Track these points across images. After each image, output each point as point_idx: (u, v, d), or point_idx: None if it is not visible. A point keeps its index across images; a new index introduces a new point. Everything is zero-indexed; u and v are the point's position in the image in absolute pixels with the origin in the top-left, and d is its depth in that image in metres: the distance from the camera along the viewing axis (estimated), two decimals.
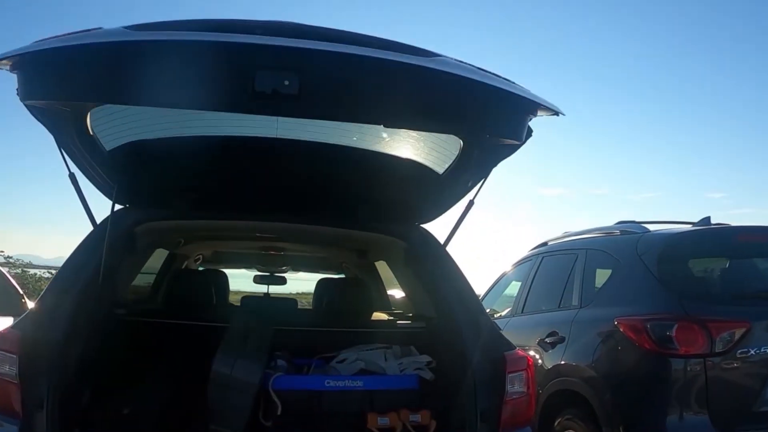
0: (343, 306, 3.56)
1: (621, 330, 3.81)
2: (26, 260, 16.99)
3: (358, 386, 2.62)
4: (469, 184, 2.81)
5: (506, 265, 6.35)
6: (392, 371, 2.88)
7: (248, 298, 5.16)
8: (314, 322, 3.42)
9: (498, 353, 2.55)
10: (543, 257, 5.47)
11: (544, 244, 5.74)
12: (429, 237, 3.05)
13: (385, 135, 2.74)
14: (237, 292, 6.10)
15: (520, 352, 2.65)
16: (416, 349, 3.11)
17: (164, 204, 2.91)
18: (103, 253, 2.51)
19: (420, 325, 3.31)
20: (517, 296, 5.79)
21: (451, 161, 2.75)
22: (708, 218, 4.60)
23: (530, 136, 2.27)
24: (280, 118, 2.49)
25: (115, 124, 2.54)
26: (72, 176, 2.66)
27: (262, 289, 6.23)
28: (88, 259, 2.54)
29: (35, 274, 16.07)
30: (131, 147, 2.67)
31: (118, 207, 2.87)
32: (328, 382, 2.60)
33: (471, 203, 2.86)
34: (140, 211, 2.92)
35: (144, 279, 4.30)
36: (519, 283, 6.05)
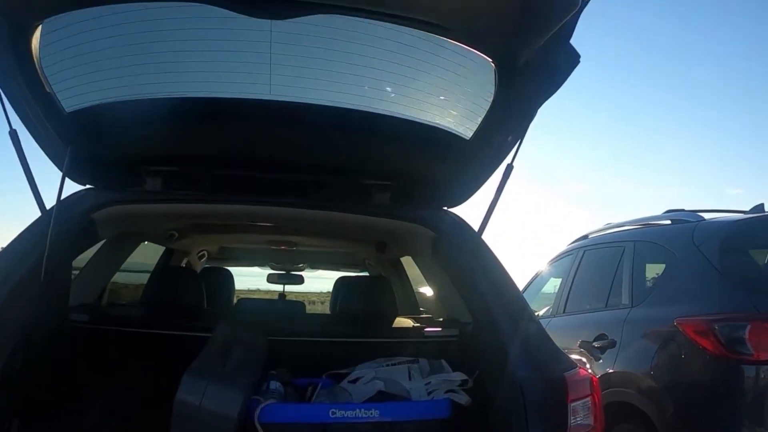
0: (361, 309, 2.91)
1: (682, 332, 3.21)
2: None
3: (373, 417, 1.97)
4: (505, 145, 2.19)
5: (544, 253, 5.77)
6: (418, 394, 2.25)
7: (245, 302, 4.30)
8: (323, 330, 2.75)
9: (555, 373, 1.91)
10: (585, 251, 4.84)
11: (585, 237, 5.13)
12: (461, 224, 2.41)
13: (396, 94, 2.18)
14: (251, 291, 5.55)
15: (582, 371, 2.00)
16: (448, 363, 2.50)
17: (134, 183, 2.33)
18: (47, 245, 1.95)
19: (452, 333, 2.68)
20: (557, 294, 5.22)
21: (480, 117, 2.14)
22: (761, 205, 4.00)
23: (577, 62, 1.83)
24: (274, 74, 2.06)
25: (78, 82, 2.06)
26: (13, 134, 2.08)
27: (277, 288, 5.67)
28: (30, 252, 1.97)
29: None
30: (95, 111, 2.13)
31: (78, 189, 2.32)
32: (333, 413, 1.95)
33: (509, 168, 2.19)
34: (103, 192, 2.32)
35: (135, 279, 3.73)
36: (558, 281, 5.50)
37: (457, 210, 2.53)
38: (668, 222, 4.08)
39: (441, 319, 3.12)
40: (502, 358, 2.03)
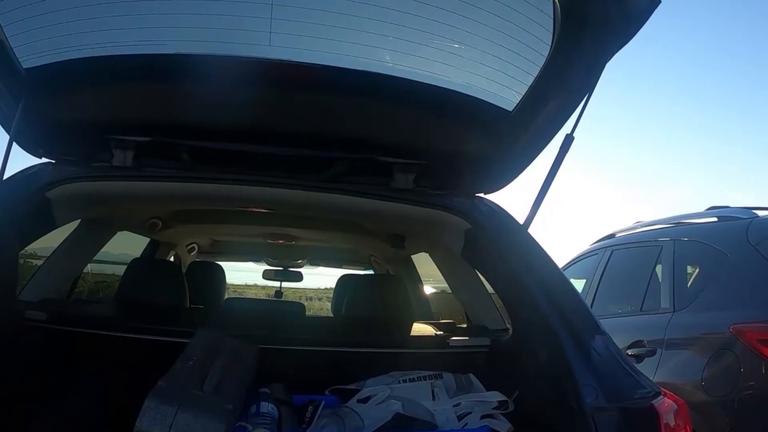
0: (372, 313, 2.44)
1: (740, 340, 2.80)
2: None
3: None
4: (560, 115, 1.76)
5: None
6: (445, 418, 1.79)
7: (235, 301, 3.66)
8: (326, 337, 2.28)
9: (640, 402, 1.48)
10: (612, 251, 4.41)
11: (611, 236, 4.69)
12: (501, 213, 1.96)
13: (423, 54, 1.75)
14: (246, 287, 5.09)
15: (669, 396, 1.55)
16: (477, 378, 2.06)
17: (99, 156, 1.90)
18: None
19: (481, 342, 2.23)
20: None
21: (529, 82, 1.72)
22: None
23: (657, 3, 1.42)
24: (274, 26, 1.67)
25: (40, 36, 1.70)
26: None
27: (274, 285, 5.21)
28: None
29: None
30: (56, 68, 1.74)
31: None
32: None
33: (569, 140, 1.73)
34: (60, 166, 1.88)
35: (114, 274, 3.28)
36: (580, 282, 5.06)
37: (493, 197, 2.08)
38: (714, 219, 3.64)
39: (464, 326, 2.66)
40: (556, 378, 1.59)
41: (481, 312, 2.58)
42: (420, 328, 2.48)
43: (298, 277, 5.11)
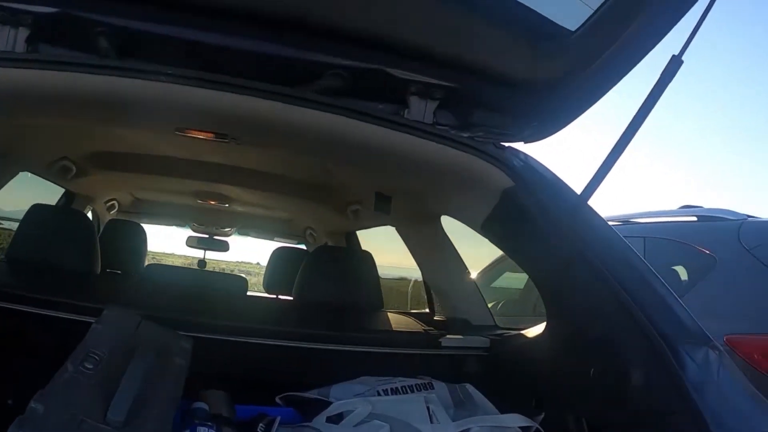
0: (341, 298, 1.88)
1: (738, 353, 2.44)
2: None
3: None
4: (641, 41, 1.24)
5: None
6: None
7: (156, 270, 2.75)
8: (279, 328, 1.60)
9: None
10: None
11: None
12: (552, 176, 1.43)
13: None
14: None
15: None
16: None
17: None
18: None
19: (479, 343, 1.71)
20: (523, 292, 4.36)
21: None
22: None
23: None
24: None
25: None
26: None
27: (197, 256, 4.50)
28: None
29: None
30: None
31: None
32: None
33: (676, 63, 1.18)
34: None
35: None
36: (520, 276, 4.66)
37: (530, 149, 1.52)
38: (693, 218, 3.27)
39: (442, 320, 2.13)
40: (627, 403, 1.10)
41: (463, 305, 2.06)
42: (400, 321, 1.93)
43: (225, 247, 4.43)
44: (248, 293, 2.48)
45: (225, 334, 1.42)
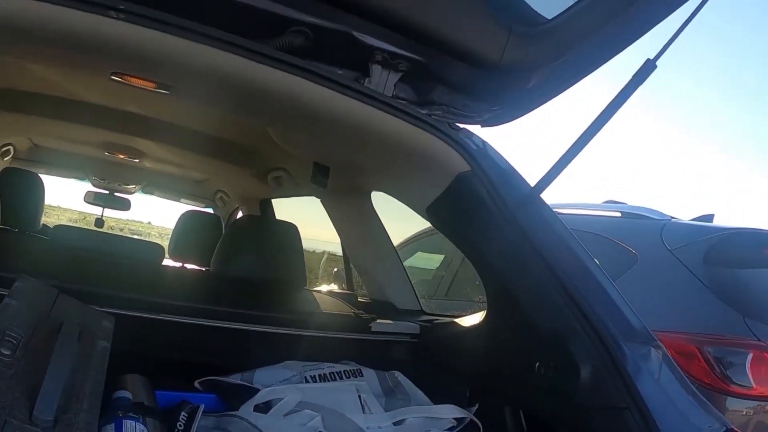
0: (264, 274, 1.78)
1: None
2: None
3: None
4: (617, 40, 1.26)
5: None
6: None
7: (65, 232, 2.49)
8: (199, 305, 1.46)
9: None
10: None
11: None
12: (502, 162, 1.41)
13: None
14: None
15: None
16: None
17: None
18: None
19: (409, 329, 1.69)
20: (436, 273, 4.42)
21: None
22: (711, 216, 3.48)
23: None
24: None
25: None
26: None
27: (94, 213, 4.23)
28: None
29: None
30: None
31: None
32: None
33: (649, 67, 1.17)
34: None
35: None
36: (435, 256, 4.73)
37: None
38: (617, 214, 3.39)
39: (367, 302, 2.10)
40: (569, 399, 1.14)
41: (391, 288, 2.05)
42: (326, 302, 1.87)
43: (126, 205, 4.18)
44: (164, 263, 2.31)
45: (143, 310, 1.32)
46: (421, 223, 4.73)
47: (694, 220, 3.42)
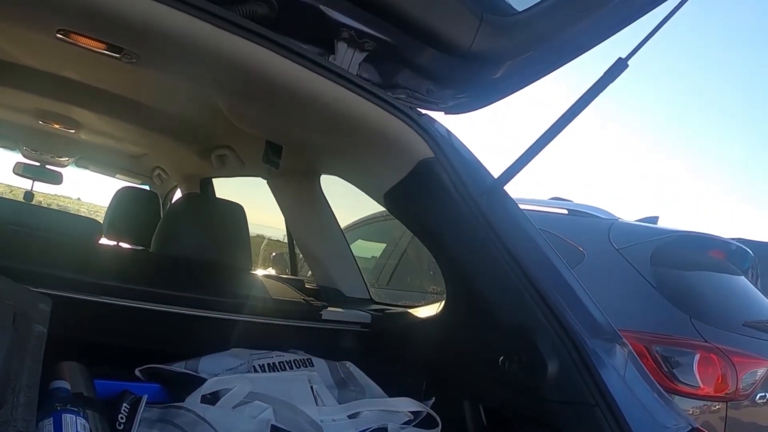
0: (207, 255, 1.70)
1: None
2: None
3: None
4: (589, 35, 1.27)
5: None
6: None
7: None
8: (139, 288, 1.38)
9: None
10: None
11: None
12: (463, 150, 1.39)
13: None
14: None
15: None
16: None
17: None
18: None
19: (360, 318, 1.67)
20: (377, 262, 4.43)
21: None
22: (656, 218, 3.60)
23: None
24: None
25: None
26: None
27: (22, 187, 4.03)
28: None
29: None
30: None
31: None
32: None
33: (620, 65, 1.17)
34: None
35: None
36: (376, 245, 4.74)
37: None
38: (564, 211, 3.44)
39: (314, 288, 2.06)
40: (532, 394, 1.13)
41: (339, 275, 2.02)
42: (274, 287, 1.82)
43: (58, 179, 3.99)
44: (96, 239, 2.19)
45: (81, 292, 1.25)
46: (359, 212, 4.73)
47: (639, 221, 3.52)
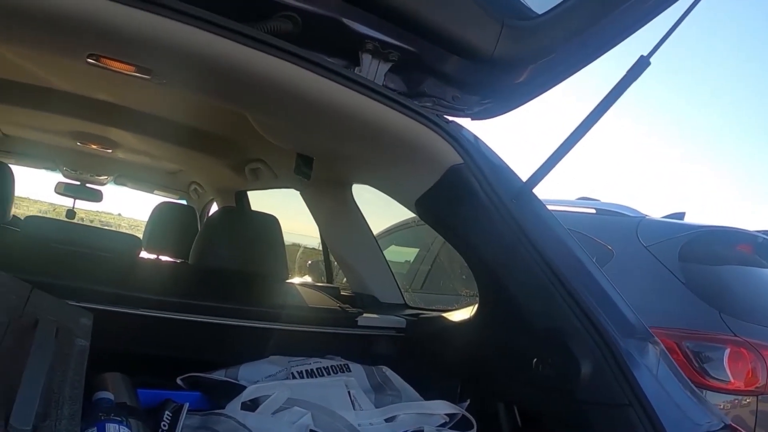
0: (245, 267, 1.70)
1: None
2: None
3: None
4: (610, 34, 1.24)
5: None
6: None
7: (36, 223, 2.31)
8: (178, 300, 1.39)
9: None
10: None
11: None
12: (492, 155, 1.38)
13: None
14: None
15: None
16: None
17: None
18: None
19: (396, 323, 1.66)
20: (411, 267, 4.41)
21: None
22: (683, 213, 3.51)
23: None
24: None
25: None
26: None
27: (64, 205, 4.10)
28: None
29: None
30: None
31: None
32: None
33: (642, 63, 1.16)
34: None
35: None
36: (408, 251, 4.72)
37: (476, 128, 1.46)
38: (592, 210, 3.39)
39: (350, 295, 2.05)
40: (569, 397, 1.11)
41: (374, 281, 2.01)
42: (310, 295, 1.82)
43: (98, 197, 4.07)
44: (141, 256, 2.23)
45: (122, 305, 1.26)
46: (392, 218, 4.72)
47: (665, 217, 3.45)
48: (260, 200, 3.35)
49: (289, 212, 2.83)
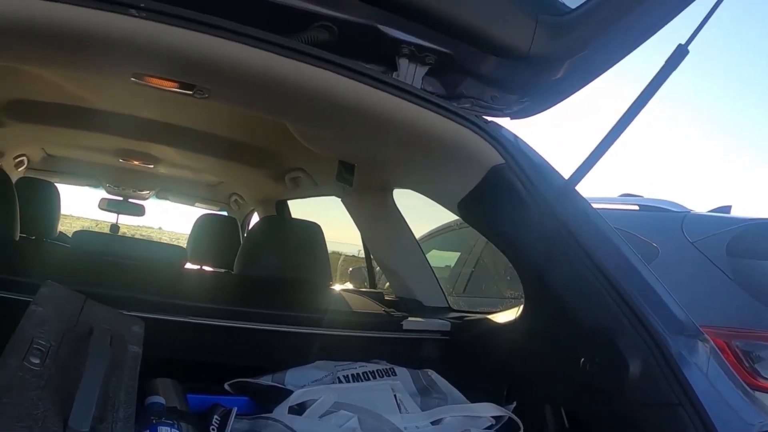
0: (289, 274, 1.74)
1: None
2: None
3: None
4: (644, 25, 1.22)
5: None
6: None
7: (85, 237, 2.37)
8: (225, 308, 1.40)
9: None
10: None
11: None
12: (533, 154, 1.37)
13: None
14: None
15: None
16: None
17: None
18: None
19: (441, 327, 1.65)
20: (453, 271, 4.40)
21: None
22: (729, 207, 3.39)
23: None
24: None
25: None
26: None
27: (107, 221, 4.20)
28: None
29: None
30: None
31: None
32: None
33: (681, 52, 1.14)
34: None
35: None
36: (450, 255, 4.70)
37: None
38: (635, 207, 3.33)
39: (394, 299, 2.05)
40: (617, 395, 1.09)
41: (418, 285, 2.01)
42: (354, 300, 1.83)
43: (141, 211, 4.17)
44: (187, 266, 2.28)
45: (170, 313, 1.29)
46: (430, 223, 4.71)
47: (711, 211, 3.36)
48: (298, 209, 3.39)
49: (326, 220, 2.86)
